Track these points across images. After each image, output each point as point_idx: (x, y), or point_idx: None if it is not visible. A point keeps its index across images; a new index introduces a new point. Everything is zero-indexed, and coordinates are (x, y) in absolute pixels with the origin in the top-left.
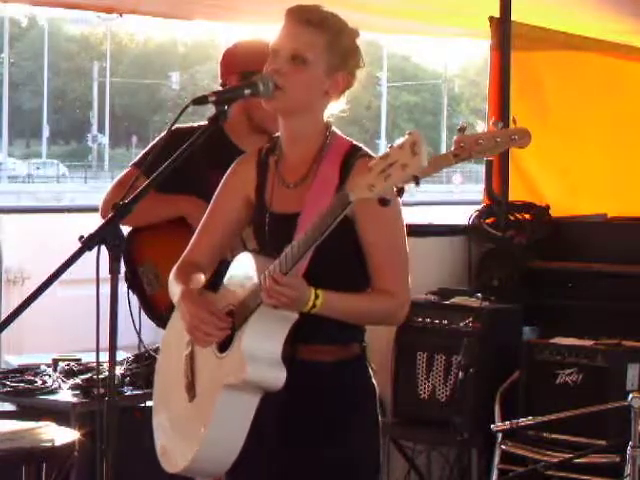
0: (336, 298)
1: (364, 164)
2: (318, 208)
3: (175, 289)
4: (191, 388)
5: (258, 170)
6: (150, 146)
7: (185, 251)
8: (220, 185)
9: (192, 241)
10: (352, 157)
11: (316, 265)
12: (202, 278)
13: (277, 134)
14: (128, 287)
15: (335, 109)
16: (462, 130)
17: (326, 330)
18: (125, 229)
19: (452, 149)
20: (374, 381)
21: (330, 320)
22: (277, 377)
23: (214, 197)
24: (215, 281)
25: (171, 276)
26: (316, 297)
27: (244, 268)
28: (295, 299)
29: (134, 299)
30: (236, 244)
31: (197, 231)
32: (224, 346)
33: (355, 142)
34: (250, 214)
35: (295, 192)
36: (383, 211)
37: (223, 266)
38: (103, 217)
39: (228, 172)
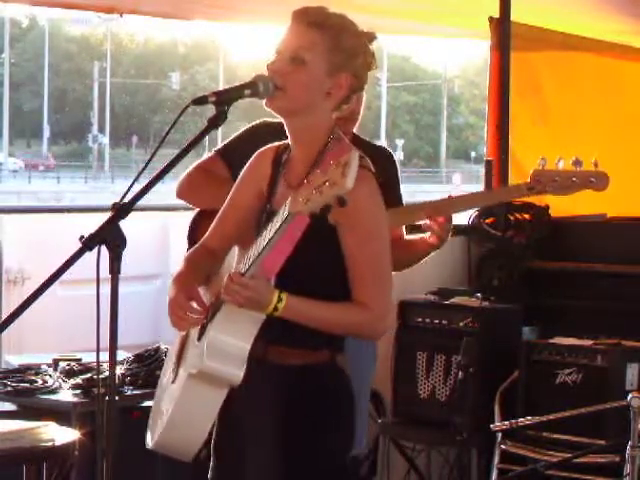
0: (301, 304)
1: (359, 176)
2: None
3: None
4: (175, 371)
5: (273, 167)
6: (234, 136)
7: (205, 235)
8: (239, 177)
9: (211, 227)
10: None
11: (295, 270)
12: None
13: None
14: None
15: (345, 111)
16: (542, 164)
17: (295, 333)
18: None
19: (528, 181)
20: (350, 388)
21: (299, 324)
22: (234, 373)
23: (233, 188)
24: None
25: (184, 257)
26: (279, 300)
27: (230, 262)
28: (251, 299)
29: None
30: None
31: (217, 217)
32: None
33: (358, 151)
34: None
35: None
36: (364, 222)
37: None
38: (178, 197)
39: (247, 165)
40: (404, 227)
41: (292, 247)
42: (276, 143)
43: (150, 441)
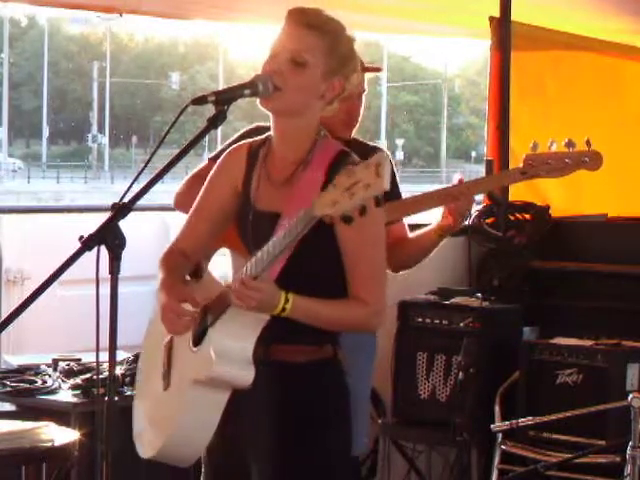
0: (307, 303)
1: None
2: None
3: (159, 278)
4: (166, 377)
5: (248, 162)
6: (227, 142)
7: (177, 235)
8: (211, 174)
9: (184, 226)
10: (340, 163)
11: (293, 268)
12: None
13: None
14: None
15: (329, 112)
16: (534, 148)
17: (300, 331)
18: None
19: (520, 166)
20: (347, 384)
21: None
22: (244, 376)
23: (205, 185)
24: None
25: (158, 263)
26: (286, 301)
27: (224, 263)
28: (263, 302)
29: None
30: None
31: (189, 216)
32: (198, 341)
33: (344, 148)
34: (237, 205)
35: (279, 191)
36: (368, 222)
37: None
38: (176, 207)
39: (219, 161)
40: (407, 226)
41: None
42: (248, 140)
43: (147, 451)
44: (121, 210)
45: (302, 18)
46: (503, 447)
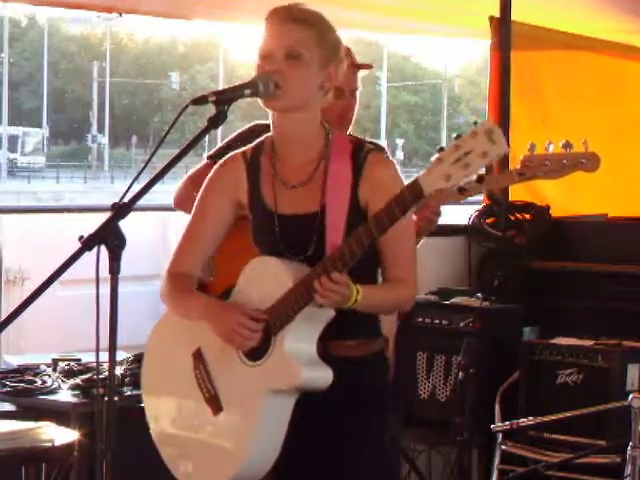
0: (371, 291)
1: (377, 158)
2: (341, 205)
3: (189, 302)
4: (214, 401)
5: (249, 172)
6: (227, 140)
7: (175, 258)
8: (204, 189)
9: (181, 248)
10: (360, 153)
11: None
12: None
13: (264, 136)
14: None
15: (324, 103)
16: (531, 149)
17: (353, 325)
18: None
19: (518, 167)
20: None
21: (357, 314)
22: (326, 376)
23: (199, 201)
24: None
25: (169, 289)
26: (357, 292)
27: (267, 273)
28: (345, 296)
29: None
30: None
31: (184, 237)
32: (255, 354)
33: (352, 137)
34: (236, 217)
35: (302, 192)
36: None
37: None
38: (177, 206)
39: (212, 176)
40: None
41: None
42: (237, 151)
43: None
44: (121, 210)
45: (287, 14)
46: (503, 447)
